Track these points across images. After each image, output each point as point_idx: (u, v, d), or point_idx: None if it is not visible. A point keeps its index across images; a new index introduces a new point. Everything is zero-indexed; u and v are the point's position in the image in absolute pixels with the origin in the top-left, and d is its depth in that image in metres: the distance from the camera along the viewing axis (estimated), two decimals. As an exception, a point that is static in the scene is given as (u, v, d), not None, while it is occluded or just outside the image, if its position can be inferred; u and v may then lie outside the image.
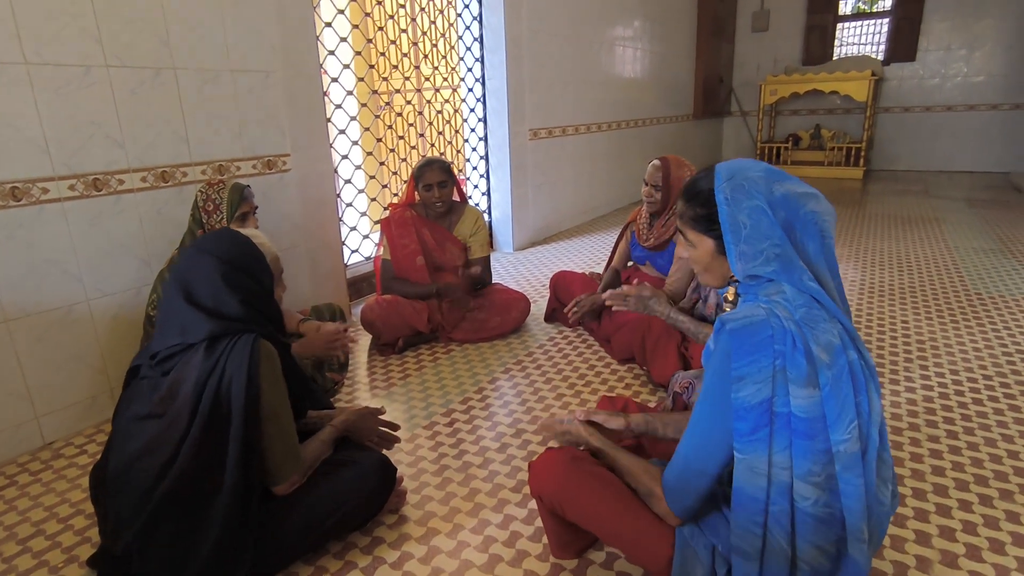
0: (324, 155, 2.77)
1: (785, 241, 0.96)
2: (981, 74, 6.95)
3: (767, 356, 0.92)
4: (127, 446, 1.20)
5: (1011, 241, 4.06)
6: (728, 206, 0.98)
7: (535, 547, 1.42)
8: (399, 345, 2.57)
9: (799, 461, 0.92)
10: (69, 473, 1.79)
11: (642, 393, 2.16)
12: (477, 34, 3.92)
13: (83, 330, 1.98)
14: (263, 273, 1.26)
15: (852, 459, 0.91)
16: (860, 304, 2.97)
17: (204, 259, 1.21)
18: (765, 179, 0.98)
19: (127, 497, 1.18)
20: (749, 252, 0.98)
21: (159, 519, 1.15)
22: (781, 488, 0.93)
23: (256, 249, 1.28)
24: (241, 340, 1.20)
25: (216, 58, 2.25)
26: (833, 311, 0.97)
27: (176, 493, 1.14)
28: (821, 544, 0.95)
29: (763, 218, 0.96)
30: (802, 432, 0.91)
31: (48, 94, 1.82)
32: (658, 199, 2.33)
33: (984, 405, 1.99)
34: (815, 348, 0.92)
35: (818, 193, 1.00)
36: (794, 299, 0.95)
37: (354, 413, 1.51)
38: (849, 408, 0.91)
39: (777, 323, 0.93)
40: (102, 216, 1.99)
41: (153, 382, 1.23)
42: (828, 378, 0.91)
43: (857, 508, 0.92)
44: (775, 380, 0.92)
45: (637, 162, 5.79)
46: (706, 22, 6.92)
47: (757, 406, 0.92)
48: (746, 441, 0.93)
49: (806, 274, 0.96)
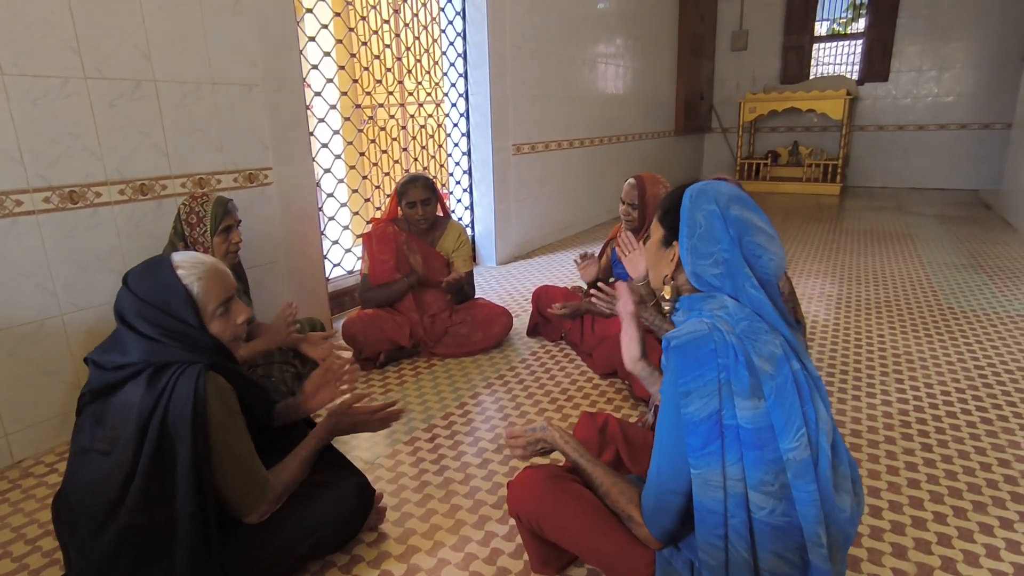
0: (306, 169, 2.77)
1: (735, 248, 0.99)
2: (951, 95, 7.17)
3: (711, 370, 0.94)
4: (77, 480, 1.16)
5: (982, 257, 4.16)
6: (690, 202, 1.04)
7: (516, 564, 1.41)
8: (381, 360, 2.55)
9: (751, 472, 0.93)
10: (38, 492, 1.74)
11: (623, 408, 2.17)
12: (461, 50, 3.95)
13: (56, 345, 1.94)
14: (180, 309, 1.16)
15: (803, 466, 0.93)
16: (837, 318, 3.02)
17: (125, 293, 1.16)
18: (728, 197, 1.03)
19: (82, 531, 1.14)
20: (701, 250, 1.02)
21: (119, 553, 1.12)
22: (737, 500, 0.95)
23: (170, 284, 1.16)
24: (187, 372, 1.13)
25: (197, 71, 2.24)
26: (774, 323, 0.99)
27: (131, 528, 1.11)
28: (782, 552, 0.96)
29: (716, 222, 1.00)
30: (751, 443, 0.93)
31: (24, 105, 1.79)
32: (635, 217, 2.36)
33: (957, 418, 2.03)
34: (756, 360, 0.94)
35: (775, 235, 1.03)
36: (736, 313, 0.98)
37: (333, 415, 1.45)
38: (796, 416, 0.93)
39: (720, 337, 0.95)
40: (78, 229, 1.96)
41: (95, 413, 1.18)
42: (772, 388, 0.93)
43: (812, 514, 0.93)
44: (721, 393, 0.94)
45: (619, 177, 5.84)
46: (687, 41, 7.07)
47: (706, 419, 0.94)
48: (699, 455, 0.95)
49: (750, 281, 0.99)
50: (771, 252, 1.01)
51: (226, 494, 1.20)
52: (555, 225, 5.03)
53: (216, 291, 1.19)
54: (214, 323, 1.20)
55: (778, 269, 1.02)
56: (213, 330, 1.20)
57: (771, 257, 1.00)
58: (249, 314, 1.27)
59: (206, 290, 1.18)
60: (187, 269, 1.18)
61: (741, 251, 0.99)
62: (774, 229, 1.04)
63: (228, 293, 1.22)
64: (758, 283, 0.99)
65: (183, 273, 1.18)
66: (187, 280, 1.17)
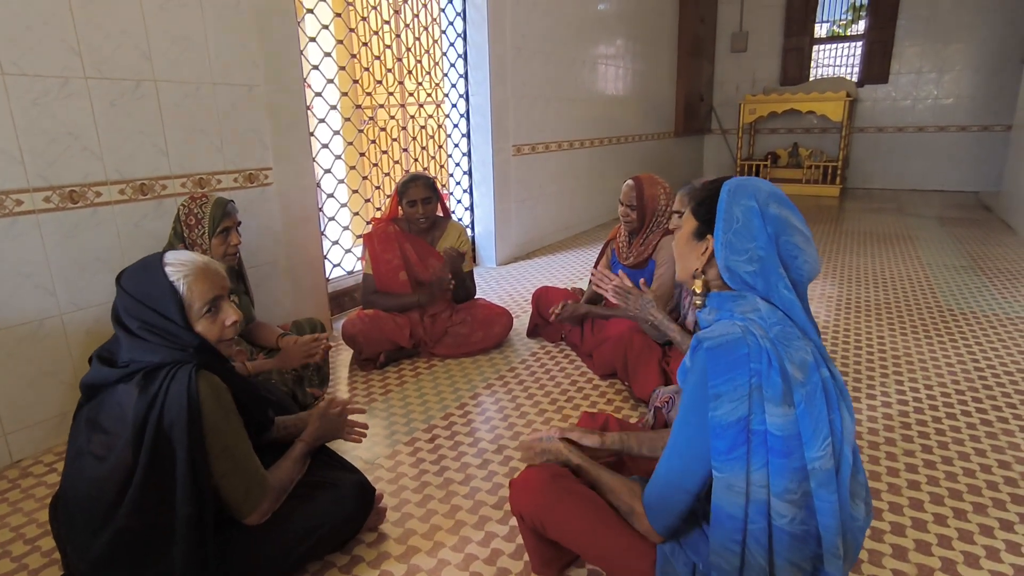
0: (307, 169, 2.76)
1: (771, 247, 0.97)
2: (951, 96, 7.17)
3: (743, 374, 0.93)
4: (75, 483, 1.16)
5: (981, 258, 4.16)
6: (728, 196, 1.01)
7: (516, 565, 1.41)
8: (380, 360, 2.55)
9: (776, 479, 0.93)
10: (37, 492, 1.74)
11: (623, 409, 2.17)
12: (461, 51, 3.95)
13: (55, 345, 1.94)
14: (164, 306, 1.16)
15: (827, 476, 0.92)
16: (837, 320, 3.02)
17: (118, 290, 1.19)
18: (767, 194, 1.00)
19: (80, 533, 1.14)
20: (736, 245, 0.99)
21: (116, 555, 1.11)
22: (759, 506, 0.94)
23: (158, 281, 1.17)
24: (179, 375, 1.13)
25: (198, 71, 2.24)
26: (804, 326, 0.98)
27: (129, 530, 1.11)
28: (797, 561, 0.95)
29: (755, 219, 0.98)
30: (778, 450, 0.92)
31: (24, 104, 1.79)
32: (634, 218, 2.35)
33: (957, 420, 2.03)
34: (789, 366, 0.93)
35: (810, 237, 1.01)
36: (768, 317, 0.97)
37: (316, 419, 1.45)
38: (823, 425, 0.92)
39: (753, 341, 0.94)
40: (78, 229, 1.96)
41: (89, 416, 1.18)
42: (802, 396, 0.92)
43: (832, 524, 0.93)
44: (751, 398, 0.92)
45: (619, 179, 5.83)
46: (687, 42, 7.07)
47: (734, 424, 0.93)
48: (724, 459, 0.94)
49: (783, 282, 0.97)
50: (807, 254, 0.99)
51: (226, 495, 1.19)
52: (555, 226, 5.03)
53: (202, 290, 1.18)
54: (200, 323, 1.19)
55: (812, 272, 1.00)
56: (198, 329, 1.19)
57: (806, 259, 0.99)
58: (240, 317, 1.26)
59: (192, 289, 1.18)
60: (175, 267, 1.19)
61: (777, 250, 0.98)
62: (810, 231, 1.02)
63: (216, 293, 1.21)
64: (791, 284, 0.98)
65: (171, 271, 1.18)
66: (174, 278, 1.17)
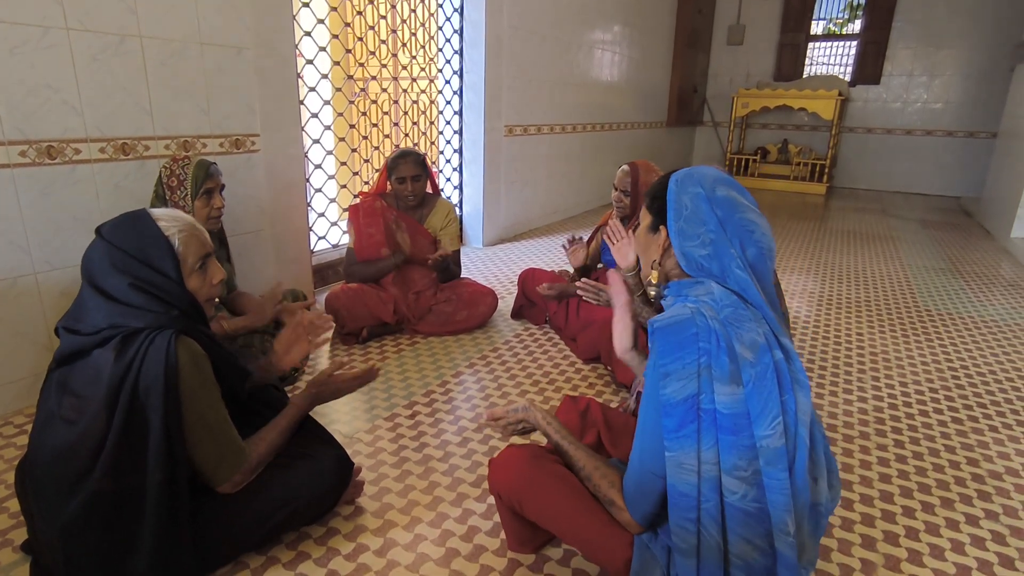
0: (295, 138, 2.71)
1: (720, 230, 1.01)
2: (939, 101, 7.25)
3: (691, 353, 0.95)
4: (43, 447, 1.13)
5: (959, 261, 4.24)
6: (676, 186, 1.06)
7: (493, 542, 1.42)
8: (363, 335, 2.53)
9: (725, 456, 0.94)
10: (6, 453, 1.70)
11: (605, 393, 2.18)
12: (457, 26, 3.88)
13: (29, 304, 1.89)
14: (160, 259, 1.13)
15: (775, 454, 0.93)
16: (818, 315, 3.06)
17: (98, 243, 1.14)
18: (712, 179, 1.05)
19: (49, 498, 1.11)
20: (688, 231, 1.03)
21: (86, 519, 1.09)
22: (711, 483, 0.95)
23: (152, 234, 1.14)
24: (157, 340, 1.09)
25: (186, 29, 2.16)
26: (758, 305, 0.99)
27: (100, 494, 1.08)
28: (751, 538, 0.97)
29: (703, 204, 1.02)
30: (727, 428, 0.94)
31: (1, 53, 1.72)
32: (627, 204, 2.35)
33: (929, 417, 2.07)
34: (738, 346, 0.94)
35: (760, 214, 1.05)
36: (721, 299, 0.99)
37: (314, 385, 1.43)
38: (773, 405, 0.94)
39: (703, 321, 0.96)
40: (55, 185, 1.90)
41: (60, 379, 1.14)
42: (751, 375, 0.94)
43: (781, 501, 0.94)
44: (700, 377, 0.94)
45: (609, 166, 5.84)
46: (683, 32, 7.03)
47: (682, 402, 0.94)
48: (673, 437, 0.95)
49: (736, 262, 1.00)
50: (760, 226, 1.02)
51: (199, 463, 1.18)
52: (543, 209, 5.01)
53: (196, 246, 1.18)
54: (192, 278, 1.18)
55: (768, 243, 1.02)
56: (191, 285, 1.18)
57: (763, 232, 1.02)
58: (224, 276, 1.26)
59: (187, 244, 1.17)
60: (168, 222, 1.17)
61: (727, 231, 1.01)
62: (757, 206, 1.05)
63: (206, 250, 1.21)
64: (745, 264, 1.00)
65: (164, 225, 1.16)
66: (168, 232, 1.16)
